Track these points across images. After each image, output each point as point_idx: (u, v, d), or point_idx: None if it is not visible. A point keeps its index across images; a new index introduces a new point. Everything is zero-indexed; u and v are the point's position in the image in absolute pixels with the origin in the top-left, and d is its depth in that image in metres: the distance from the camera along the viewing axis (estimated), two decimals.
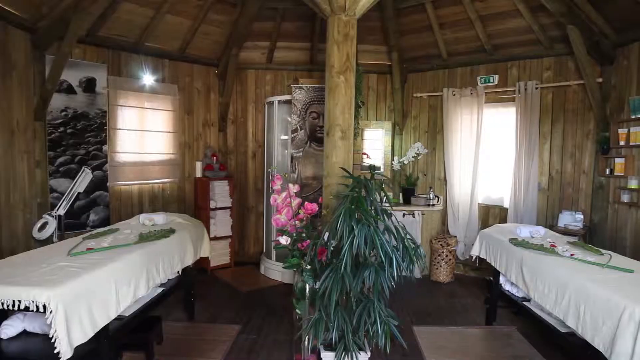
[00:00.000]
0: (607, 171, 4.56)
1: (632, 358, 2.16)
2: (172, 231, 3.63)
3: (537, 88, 5.07)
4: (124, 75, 5.08)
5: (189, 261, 3.80)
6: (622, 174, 4.34)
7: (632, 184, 4.23)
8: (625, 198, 4.33)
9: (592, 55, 4.63)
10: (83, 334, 2.24)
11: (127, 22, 4.86)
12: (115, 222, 4.48)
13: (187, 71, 5.80)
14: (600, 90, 4.66)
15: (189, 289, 4.08)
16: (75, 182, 4.40)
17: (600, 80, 4.68)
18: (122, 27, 4.88)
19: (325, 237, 2.74)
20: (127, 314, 2.89)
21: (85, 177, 4.43)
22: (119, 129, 5.02)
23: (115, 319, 2.62)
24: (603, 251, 3.27)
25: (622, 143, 4.37)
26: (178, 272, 3.72)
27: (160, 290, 3.43)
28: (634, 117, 4.22)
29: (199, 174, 5.93)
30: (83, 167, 4.57)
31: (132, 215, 4.75)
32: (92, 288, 2.37)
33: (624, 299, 2.29)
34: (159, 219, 3.98)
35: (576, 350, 2.73)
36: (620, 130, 4.41)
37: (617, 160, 4.42)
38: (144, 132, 5.30)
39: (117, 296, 2.60)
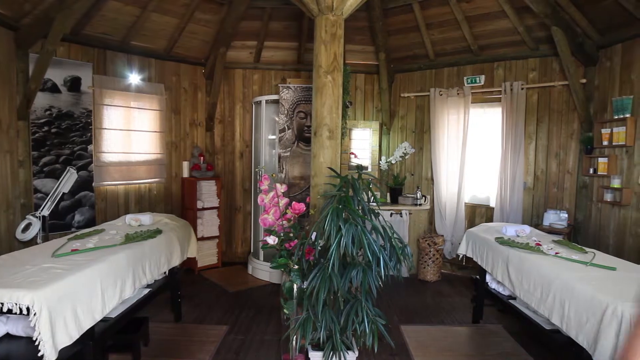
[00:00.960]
0: (591, 171, 4.63)
1: (615, 354, 2.20)
2: (158, 232, 3.61)
3: (522, 88, 5.12)
4: (109, 74, 5.03)
5: (176, 262, 3.78)
6: (605, 174, 4.41)
7: (615, 183, 4.30)
8: (608, 197, 4.40)
9: (576, 57, 4.70)
10: (68, 336, 2.21)
11: (112, 20, 4.81)
12: (101, 222, 4.43)
13: (174, 70, 5.76)
14: (584, 91, 4.72)
15: (176, 289, 4.05)
16: (60, 182, 4.35)
17: (584, 81, 4.74)
18: (107, 26, 4.83)
19: (313, 237, 2.75)
20: (113, 316, 2.86)
21: (70, 177, 4.38)
22: (105, 128, 4.97)
23: (101, 320, 2.60)
24: (587, 249, 3.32)
25: (605, 143, 4.44)
26: (165, 272, 3.69)
27: (146, 291, 3.40)
28: (616, 117, 4.29)
29: (186, 174, 5.90)
30: (68, 167, 4.52)
31: (118, 215, 4.71)
32: (77, 289, 2.34)
33: (607, 296, 2.33)
34: (146, 219, 3.95)
35: (561, 347, 2.77)
36: (603, 131, 4.48)
37: (601, 159, 4.49)
38: (130, 132, 5.25)
39: (103, 297, 2.57)
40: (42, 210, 4.20)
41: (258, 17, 5.65)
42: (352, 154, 6.04)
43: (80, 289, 2.38)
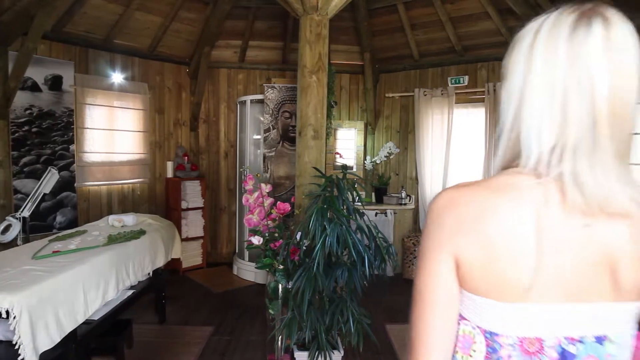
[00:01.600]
0: None
1: None
2: (142, 232, 3.57)
3: None
4: (92, 72, 4.96)
5: (160, 262, 3.75)
6: None
7: None
8: None
9: None
10: (49, 339, 2.18)
11: (94, 18, 4.74)
12: (83, 223, 4.37)
13: (158, 69, 5.70)
14: None
15: (160, 290, 4.02)
16: (41, 182, 4.28)
17: None
18: (89, 24, 4.76)
19: (298, 237, 2.75)
20: (96, 318, 2.82)
21: (51, 178, 4.31)
22: (87, 128, 4.90)
23: (84, 323, 2.56)
24: None
25: None
26: (149, 273, 3.66)
27: (130, 292, 3.36)
28: None
29: (170, 174, 5.84)
30: (49, 167, 4.43)
31: (101, 216, 4.65)
32: (58, 292, 2.31)
33: None
34: (129, 220, 3.91)
35: None
36: None
37: None
38: (113, 132, 5.18)
39: (86, 300, 2.54)
40: (22, 212, 4.12)
41: (243, 17, 5.63)
42: (337, 153, 6.05)
43: (62, 291, 2.34)
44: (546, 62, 0.74)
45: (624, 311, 0.75)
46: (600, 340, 0.75)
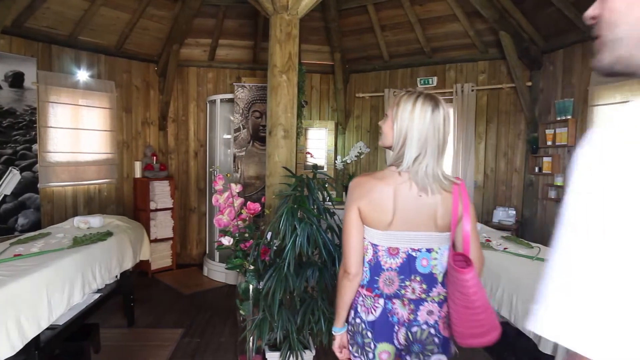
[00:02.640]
0: (536, 169, 4.85)
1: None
2: (109, 234, 3.50)
3: (472, 90, 5.29)
4: (55, 70, 4.81)
5: (128, 265, 3.67)
6: (550, 172, 4.63)
7: (558, 181, 4.52)
8: (552, 194, 4.62)
9: (523, 60, 4.90)
10: (10, 346, 2.11)
11: (58, 13, 4.60)
12: (47, 225, 4.24)
13: (125, 67, 5.58)
14: (529, 94, 4.94)
15: (129, 293, 3.94)
16: (2, 183, 4.13)
17: (529, 84, 4.96)
18: (52, 19, 4.62)
19: (268, 237, 2.74)
20: (60, 323, 2.75)
21: (12, 178, 4.17)
22: (51, 127, 4.75)
23: (48, 328, 2.49)
24: (533, 244, 3.47)
25: (549, 143, 4.66)
26: (116, 276, 3.58)
27: (97, 296, 3.29)
28: (559, 119, 4.52)
29: (138, 174, 5.73)
30: (10, 168, 4.29)
31: (66, 218, 4.52)
32: (20, 297, 2.23)
33: None
34: (95, 221, 3.81)
35: (510, 338, 2.89)
36: (547, 131, 4.70)
37: (545, 159, 4.71)
38: (79, 131, 5.04)
39: (49, 304, 2.47)
40: None
41: (212, 15, 5.57)
42: (308, 153, 6.06)
43: (24, 296, 2.27)
44: (420, 120, 1.49)
45: (441, 236, 1.56)
46: (429, 250, 1.56)
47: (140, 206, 5.57)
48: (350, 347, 1.69)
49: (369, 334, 1.60)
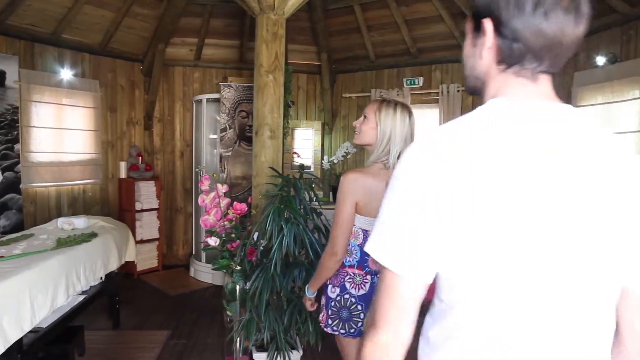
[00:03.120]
0: None
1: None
2: (94, 235, 3.46)
3: (458, 90, 5.34)
4: (38, 68, 4.74)
5: (114, 266, 3.64)
6: None
7: None
8: None
9: None
10: None
11: (40, 11, 4.52)
12: (30, 227, 4.18)
13: (110, 66, 5.51)
14: None
15: (114, 295, 3.90)
16: None
17: None
18: (34, 16, 4.54)
19: (255, 237, 2.74)
20: (44, 326, 2.71)
21: None
22: (34, 126, 4.67)
23: (31, 331, 2.46)
24: None
25: None
26: (101, 277, 3.54)
27: (81, 298, 3.25)
28: None
29: (123, 175, 5.67)
30: None
31: (50, 219, 4.45)
32: (2, 299, 2.20)
33: None
34: (80, 222, 3.77)
35: None
36: None
37: None
38: (62, 130, 4.96)
39: (32, 307, 2.44)
40: None
41: (199, 14, 5.54)
42: (295, 153, 6.06)
43: (6, 298, 2.24)
44: (401, 124, 1.92)
45: None
46: None
47: (126, 207, 5.52)
48: (330, 322, 1.99)
49: (359, 307, 1.94)
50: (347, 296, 1.94)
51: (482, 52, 0.84)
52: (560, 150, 0.76)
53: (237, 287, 2.91)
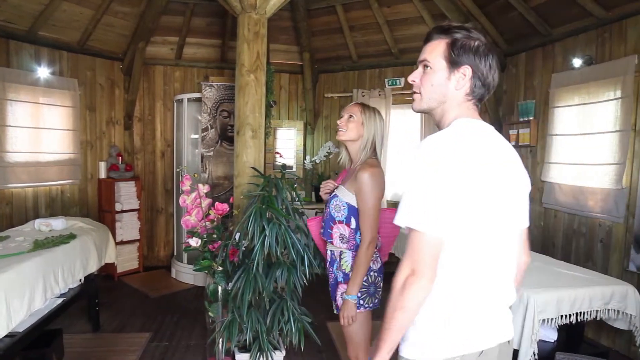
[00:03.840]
0: None
1: (522, 335, 2.47)
2: (72, 236, 3.40)
3: None
4: (13, 66, 4.63)
5: (93, 268, 3.59)
6: None
7: None
8: None
9: None
10: None
11: (16, 7, 4.42)
12: (6, 229, 4.09)
13: (89, 65, 5.42)
14: (494, 95, 5.06)
15: (94, 297, 3.84)
16: None
17: None
18: (10, 13, 4.43)
19: (237, 238, 2.73)
20: (20, 330, 2.65)
21: None
22: (9, 125, 4.57)
23: (7, 335, 2.41)
24: None
25: (512, 143, 4.78)
26: (80, 280, 3.49)
27: (60, 300, 3.19)
28: (521, 119, 4.66)
29: (102, 175, 5.58)
30: None
31: (26, 220, 4.36)
32: None
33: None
34: (58, 224, 3.71)
35: None
36: (511, 132, 4.84)
37: None
38: (40, 130, 4.86)
39: (8, 310, 2.39)
40: None
41: (180, 12, 5.48)
42: (277, 153, 6.05)
43: None
44: (382, 124, 2.28)
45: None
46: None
47: (105, 207, 5.44)
48: (362, 302, 2.16)
49: (379, 278, 2.23)
50: (371, 272, 2.16)
51: (457, 86, 1.30)
52: (505, 160, 1.34)
53: (219, 288, 2.89)
